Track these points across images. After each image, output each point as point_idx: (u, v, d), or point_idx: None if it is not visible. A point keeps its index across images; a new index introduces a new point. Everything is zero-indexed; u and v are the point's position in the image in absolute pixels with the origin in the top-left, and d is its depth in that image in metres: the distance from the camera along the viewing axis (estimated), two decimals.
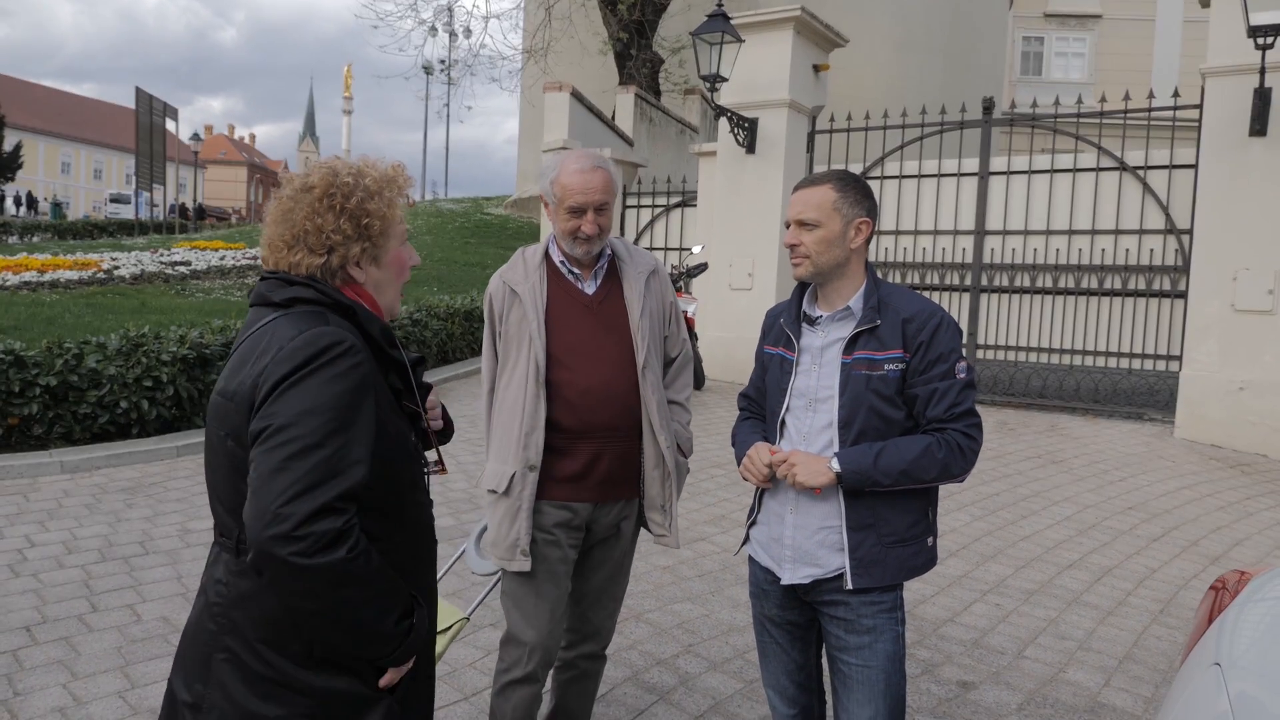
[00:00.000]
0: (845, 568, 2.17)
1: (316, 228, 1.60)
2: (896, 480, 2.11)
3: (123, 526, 5.13)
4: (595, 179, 2.53)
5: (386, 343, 1.63)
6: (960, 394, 2.14)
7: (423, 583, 1.72)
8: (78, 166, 68.83)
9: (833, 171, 2.29)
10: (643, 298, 2.67)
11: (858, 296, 2.24)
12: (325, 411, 1.46)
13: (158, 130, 31.50)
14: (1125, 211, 8.89)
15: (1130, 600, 4.59)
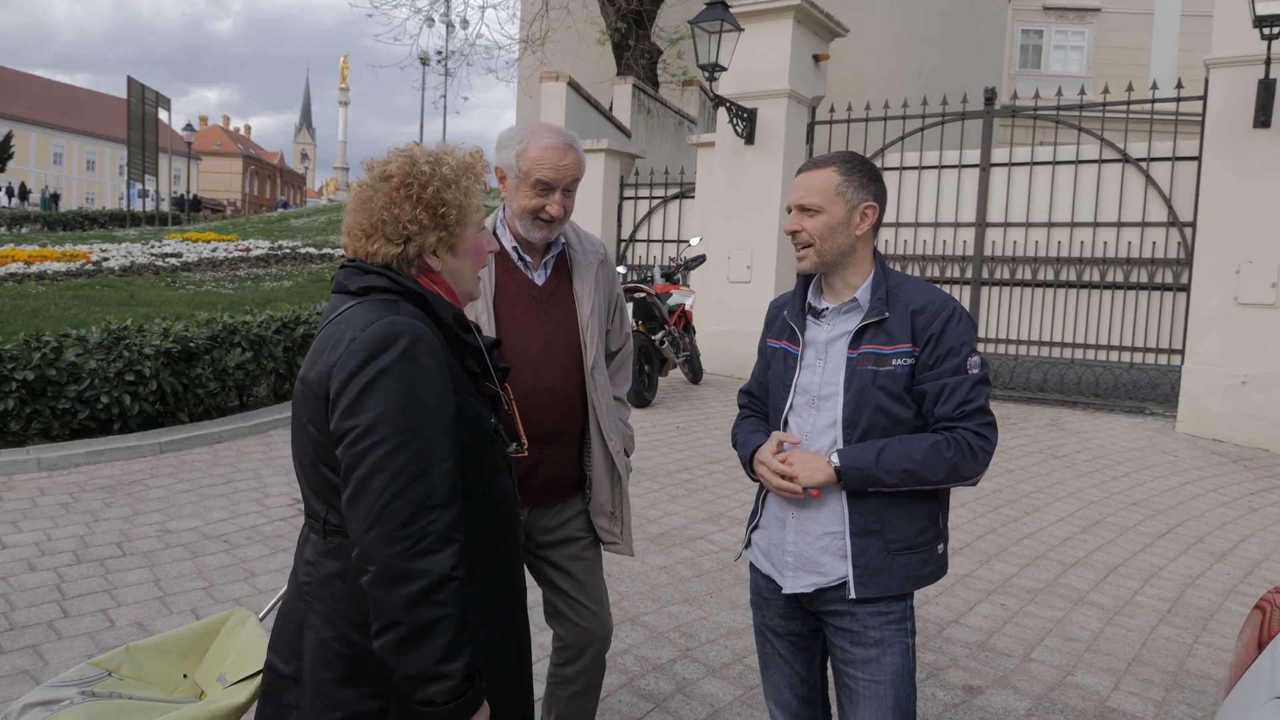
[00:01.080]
0: (849, 576, 2.04)
1: (394, 217, 1.61)
2: (900, 480, 1.97)
3: (100, 527, 4.98)
4: (569, 156, 2.36)
5: (461, 328, 1.64)
6: (972, 390, 1.99)
7: (505, 567, 1.71)
8: (70, 157, 68.39)
9: (838, 153, 2.13)
10: (593, 290, 2.51)
11: (865, 287, 2.10)
12: (405, 411, 1.48)
13: (150, 120, 31.25)
14: (1128, 204, 8.76)
15: (1137, 599, 4.46)
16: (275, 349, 7.62)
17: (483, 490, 1.66)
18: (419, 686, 1.48)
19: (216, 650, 2.29)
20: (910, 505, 2.04)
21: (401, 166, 1.63)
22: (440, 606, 1.45)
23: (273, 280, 15.12)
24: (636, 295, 8.49)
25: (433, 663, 1.46)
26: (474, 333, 1.69)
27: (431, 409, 1.51)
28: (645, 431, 7.61)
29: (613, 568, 4.61)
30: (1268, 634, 1.66)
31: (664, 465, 6.61)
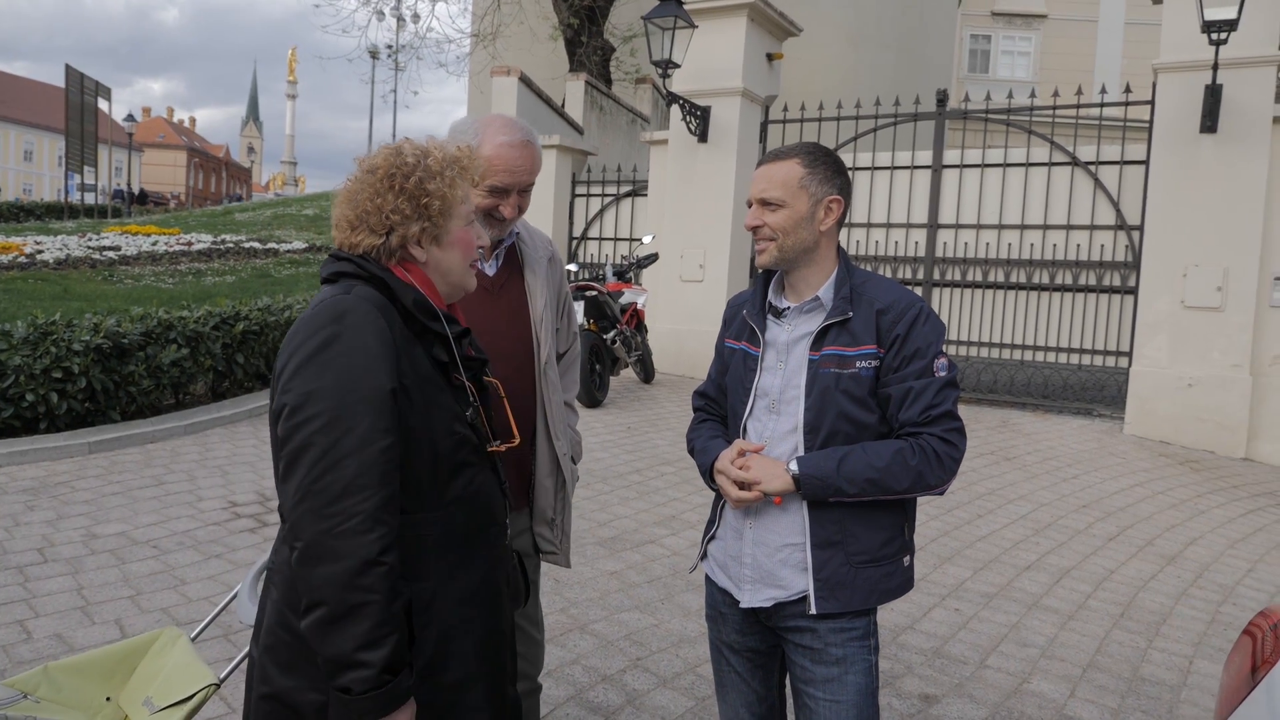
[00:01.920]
0: (809, 590, 1.93)
1: (377, 208, 1.61)
2: (863, 490, 1.87)
3: (20, 531, 4.72)
4: (525, 156, 2.20)
5: (422, 314, 1.61)
6: (939, 394, 1.90)
7: (471, 566, 1.66)
8: (6, 147, 66.28)
9: (801, 144, 2.03)
10: (544, 284, 2.39)
11: (828, 285, 2.00)
12: (338, 388, 1.47)
13: (89, 110, 30.32)
14: (1077, 207, 8.84)
15: (1090, 604, 4.45)
16: (213, 345, 7.35)
17: (444, 484, 1.62)
18: (336, 671, 1.45)
19: (144, 671, 2.15)
20: (874, 516, 1.94)
21: (387, 159, 1.64)
22: (365, 591, 1.42)
23: (215, 275, 14.73)
24: (588, 294, 8.35)
25: (351, 649, 1.43)
26: (440, 320, 1.64)
27: (368, 386, 1.48)
28: (595, 432, 7.48)
29: (561, 574, 4.48)
30: (1264, 663, 1.58)
31: (615, 467, 6.49)
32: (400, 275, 1.64)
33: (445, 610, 1.60)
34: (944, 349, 1.95)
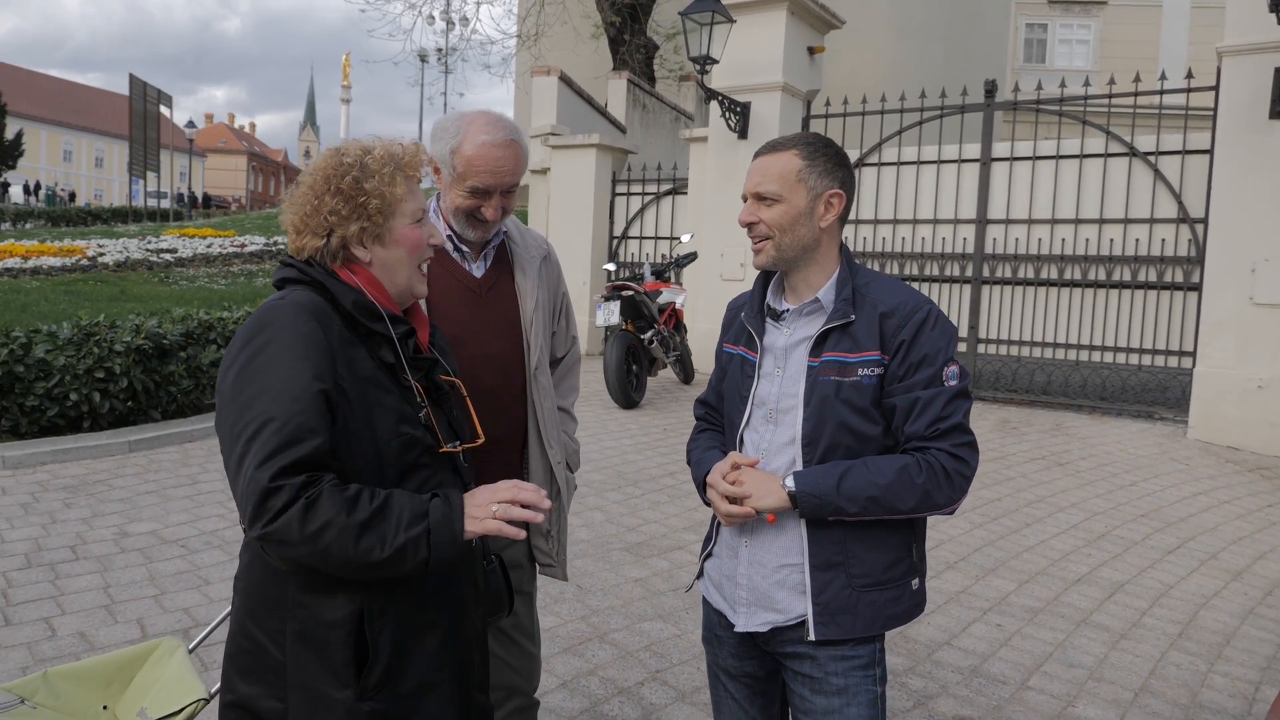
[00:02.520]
0: (808, 615, 1.79)
1: (315, 209, 1.61)
2: (865, 509, 1.72)
3: (56, 529, 4.76)
4: (508, 156, 2.09)
5: (363, 315, 1.58)
6: (948, 406, 1.74)
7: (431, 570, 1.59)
8: (79, 154, 68.43)
9: (799, 135, 1.89)
10: (536, 286, 2.28)
11: (829, 286, 1.85)
12: (262, 389, 1.45)
13: (151, 117, 31.07)
14: (1135, 200, 8.47)
15: (1145, 621, 4.20)
16: None
17: (391, 486, 1.57)
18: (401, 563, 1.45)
19: (141, 681, 2.11)
20: (879, 535, 1.79)
21: (327, 160, 1.64)
22: (310, 523, 1.39)
23: (265, 276, 14.95)
24: (624, 294, 8.24)
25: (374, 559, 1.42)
26: (383, 320, 1.60)
27: (294, 389, 1.45)
28: (630, 434, 7.37)
29: (583, 580, 4.38)
30: None
31: (647, 470, 6.36)
32: (345, 277, 1.62)
33: (401, 615, 1.57)
34: (954, 355, 1.79)
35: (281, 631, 1.53)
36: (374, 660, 1.53)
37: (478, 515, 1.50)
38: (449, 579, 1.64)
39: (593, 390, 9.06)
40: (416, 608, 1.59)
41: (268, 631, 1.55)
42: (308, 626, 1.52)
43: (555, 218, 11.87)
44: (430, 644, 1.60)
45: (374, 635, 1.53)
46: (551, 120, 12.33)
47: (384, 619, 1.54)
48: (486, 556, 1.83)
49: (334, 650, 1.51)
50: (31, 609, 3.87)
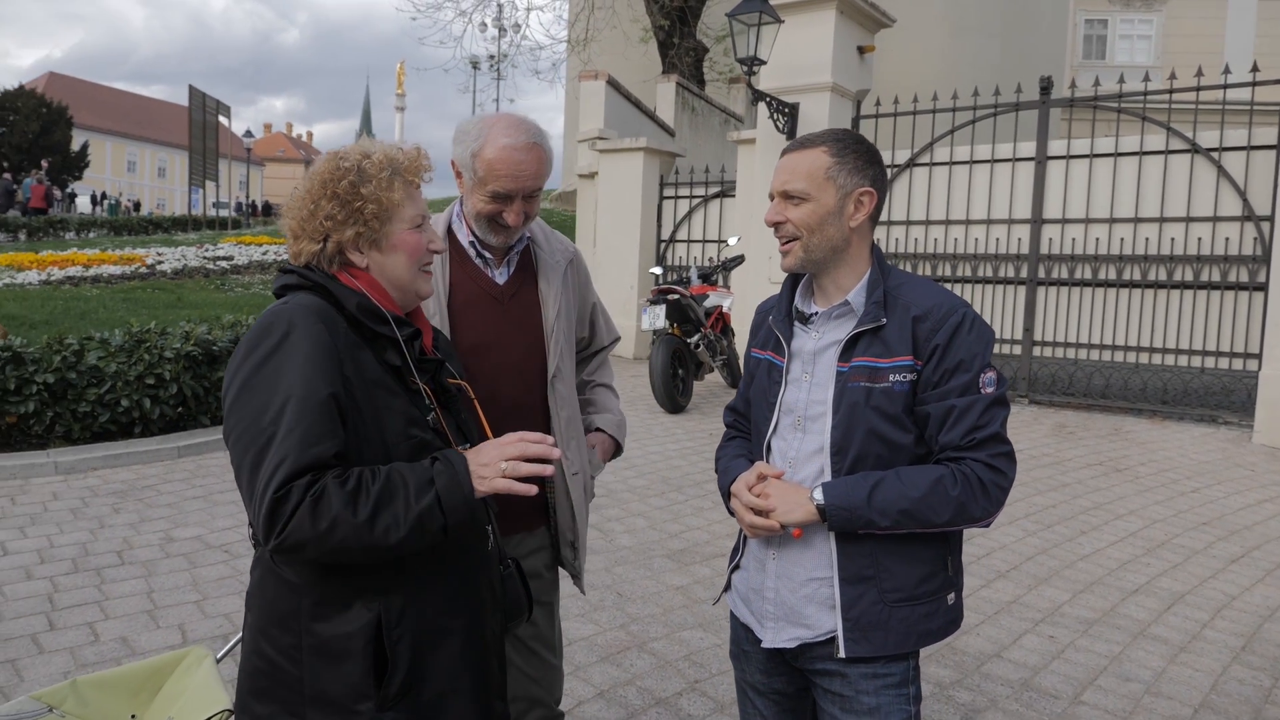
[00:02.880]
0: (838, 631, 1.71)
1: (312, 214, 1.59)
2: (897, 522, 1.64)
3: (104, 534, 4.83)
4: (529, 160, 2.03)
5: (368, 317, 1.56)
6: (985, 414, 1.66)
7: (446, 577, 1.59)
8: (142, 165, 70.41)
9: (829, 131, 1.81)
10: (560, 293, 2.22)
11: (859, 288, 1.77)
12: (270, 395, 1.42)
13: (210, 127, 31.77)
14: (1197, 197, 8.19)
15: (1206, 634, 4.02)
16: None
17: None
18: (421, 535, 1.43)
19: (169, 691, 2.11)
20: (911, 549, 1.70)
21: (325, 164, 1.61)
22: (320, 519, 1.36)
23: None
24: (670, 297, 8.18)
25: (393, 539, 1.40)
26: (389, 323, 1.58)
27: (303, 393, 1.42)
28: (676, 438, 7.31)
29: (624, 588, 4.32)
30: None
31: (691, 475, 6.29)
32: (346, 281, 1.60)
33: (419, 622, 1.54)
34: (992, 360, 1.70)
35: (296, 647, 1.50)
36: (393, 670, 1.50)
37: (485, 474, 1.46)
38: (466, 583, 1.61)
39: (638, 394, 9.02)
40: (433, 614, 1.56)
41: (281, 648, 1.52)
42: (324, 639, 1.49)
43: (603, 222, 11.86)
44: (448, 651, 1.57)
45: (392, 644, 1.50)
46: (599, 124, 12.33)
47: (401, 627, 1.51)
48: (504, 561, 1.79)
49: (352, 662, 1.48)
50: (76, 614, 3.92)
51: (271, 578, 1.55)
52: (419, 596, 1.54)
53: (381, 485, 1.40)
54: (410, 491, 1.41)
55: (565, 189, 24.29)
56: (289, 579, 1.51)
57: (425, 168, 1.66)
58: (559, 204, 24.34)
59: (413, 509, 1.40)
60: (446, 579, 1.58)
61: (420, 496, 1.41)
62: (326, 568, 1.49)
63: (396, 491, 1.41)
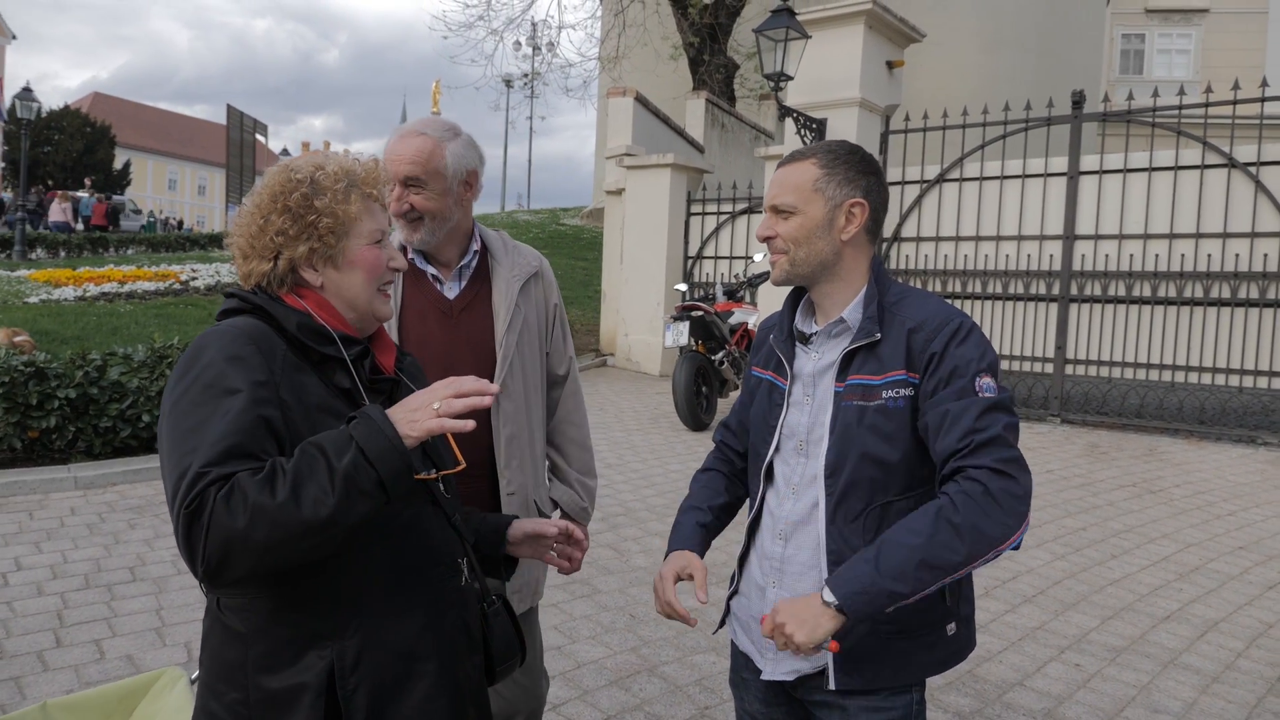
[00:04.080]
0: (828, 662, 1.62)
1: (261, 230, 1.48)
2: (920, 580, 1.47)
3: (118, 550, 4.83)
4: (406, 145, 2.03)
5: (310, 338, 1.45)
6: (982, 417, 1.53)
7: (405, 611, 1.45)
8: (183, 183, 71.73)
9: (825, 143, 1.75)
10: (512, 305, 2.16)
11: (855, 304, 1.70)
12: (194, 425, 1.30)
13: (248, 146, 32.30)
14: (1235, 213, 7.99)
15: (1240, 664, 3.86)
16: None
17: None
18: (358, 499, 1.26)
19: (142, 713, 2.04)
20: None
21: (275, 176, 1.51)
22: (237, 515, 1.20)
23: None
24: (694, 314, 8.12)
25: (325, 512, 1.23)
26: (335, 343, 1.47)
27: (221, 419, 1.30)
28: (697, 457, 7.21)
29: (636, 610, 4.24)
30: None
31: None
32: (291, 302, 1.49)
33: (377, 667, 1.41)
34: (992, 369, 1.59)
35: (244, 703, 1.39)
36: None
37: (416, 419, 1.30)
38: (432, 623, 1.49)
39: (661, 412, 8.94)
40: (395, 659, 1.43)
41: (227, 704, 1.41)
42: (272, 692, 1.38)
43: (630, 238, 11.83)
44: (413, 700, 1.44)
45: (347, 695, 1.38)
46: (627, 140, 12.32)
47: (358, 675, 1.39)
48: (487, 598, 1.66)
49: (300, 716, 1.36)
50: (84, 630, 3.91)
51: (218, 628, 1.44)
52: (378, 639, 1.42)
53: (297, 460, 1.26)
54: (329, 455, 1.26)
55: (595, 206, 24.37)
56: (234, 627, 1.41)
57: (384, 180, 1.57)
58: (589, 220, 24.41)
59: (337, 471, 1.24)
60: (410, 619, 1.46)
61: (341, 455, 1.25)
62: (275, 611, 1.38)
63: (315, 460, 1.26)
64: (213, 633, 1.46)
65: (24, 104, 22.53)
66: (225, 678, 1.42)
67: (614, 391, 10.25)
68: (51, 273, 16.48)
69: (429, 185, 2.04)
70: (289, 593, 1.38)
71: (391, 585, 1.44)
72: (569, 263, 18.23)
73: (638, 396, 9.94)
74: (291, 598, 1.38)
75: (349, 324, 1.52)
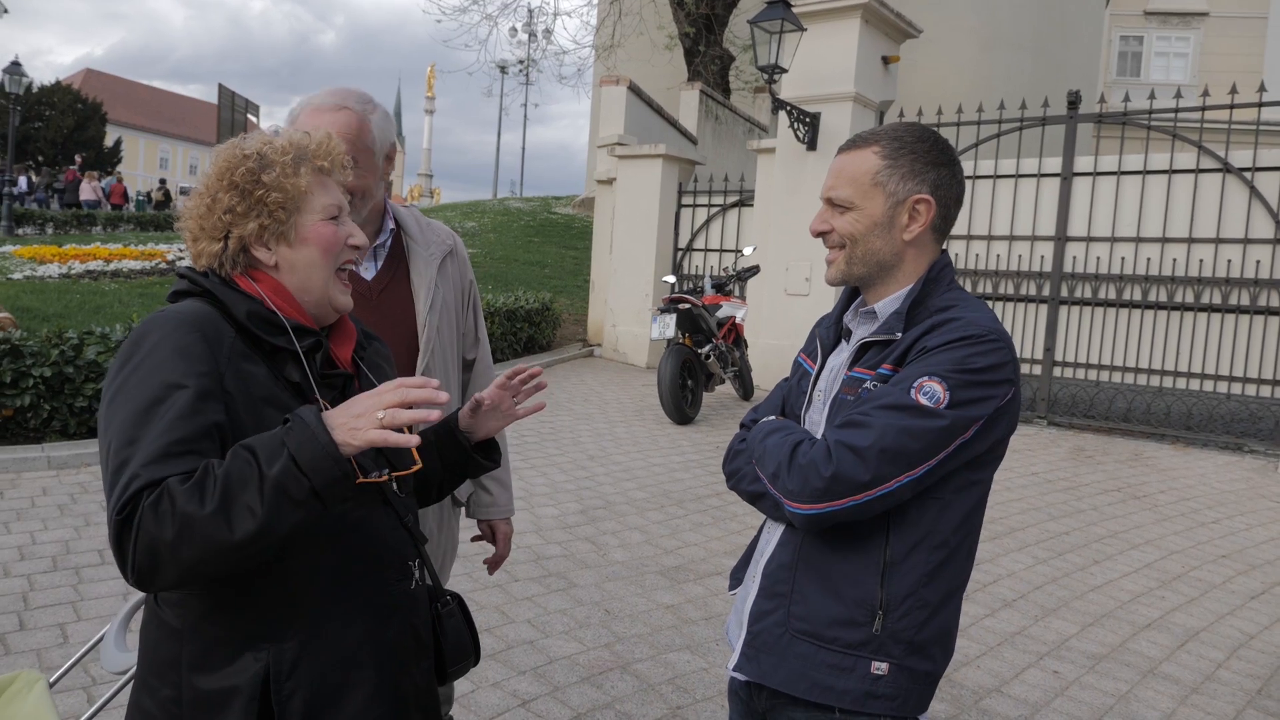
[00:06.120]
0: (738, 644, 1.56)
1: (209, 209, 1.43)
2: (754, 451, 1.56)
3: (88, 532, 4.75)
4: (330, 122, 1.88)
5: (258, 326, 1.38)
6: (875, 413, 1.41)
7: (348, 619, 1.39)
8: (175, 161, 71.22)
9: (889, 128, 1.58)
10: (432, 286, 2.10)
11: (892, 298, 1.57)
12: (131, 414, 1.25)
13: (239, 125, 32.03)
14: (1228, 218, 7.95)
15: (1220, 675, 3.82)
16: None
17: None
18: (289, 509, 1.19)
19: None
20: (833, 577, 1.49)
21: (223, 152, 1.46)
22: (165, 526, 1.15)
23: None
24: (681, 306, 8.04)
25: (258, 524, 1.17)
26: (286, 332, 1.39)
27: (160, 409, 1.25)
28: (681, 450, 7.15)
29: (612, 605, 4.18)
30: None
31: (694, 489, 6.14)
32: (244, 286, 1.42)
33: (315, 674, 1.35)
34: (962, 377, 1.42)
35: (176, 700, 1.34)
36: None
37: (358, 426, 1.21)
38: (376, 629, 1.42)
39: (646, 404, 8.88)
40: (334, 665, 1.37)
41: (160, 700, 1.35)
42: (205, 693, 1.32)
43: (620, 228, 11.74)
44: (352, 707, 1.38)
45: (282, 700, 1.32)
46: (619, 130, 12.23)
47: (294, 680, 1.33)
48: (440, 599, 1.59)
49: (233, 718, 1.30)
50: (48, 614, 3.83)
51: (154, 622, 1.38)
52: (317, 644, 1.36)
53: (228, 465, 1.19)
54: (260, 461, 1.19)
55: (588, 194, 24.23)
56: (170, 623, 1.35)
57: (336, 152, 1.49)
58: (580, 209, 24.28)
59: (267, 479, 1.17)
60: (353, 625, 1.40)
61: (272, 462, 1.18)
62: (212, 609, 1.32)
63: (246, 467, 1.19)
64: (149, 625, 1.41)
65: (13, 78, 22.25)
66: (159, 673, 1.36)
67: (599, 382, 10.18)
68: (38, 249, 16.31)
69: (359, 163, 1.92)
70: (226, 592, 1.32)
71: (335, 589, 1.38)
72: (559, 251, 18.11)
73: (623, 388, 9.87)
74: (228, 597, 1.32)
75: (304, 312, 1.45)
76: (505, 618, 4.00)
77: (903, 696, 1.47)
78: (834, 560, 1.48)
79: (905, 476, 1.39)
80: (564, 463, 6.65)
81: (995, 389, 1.44)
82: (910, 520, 1.46)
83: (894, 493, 1.40)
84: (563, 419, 8.13)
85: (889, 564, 1.46)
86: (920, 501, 1.45)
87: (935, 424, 1.39)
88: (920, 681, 1.48)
